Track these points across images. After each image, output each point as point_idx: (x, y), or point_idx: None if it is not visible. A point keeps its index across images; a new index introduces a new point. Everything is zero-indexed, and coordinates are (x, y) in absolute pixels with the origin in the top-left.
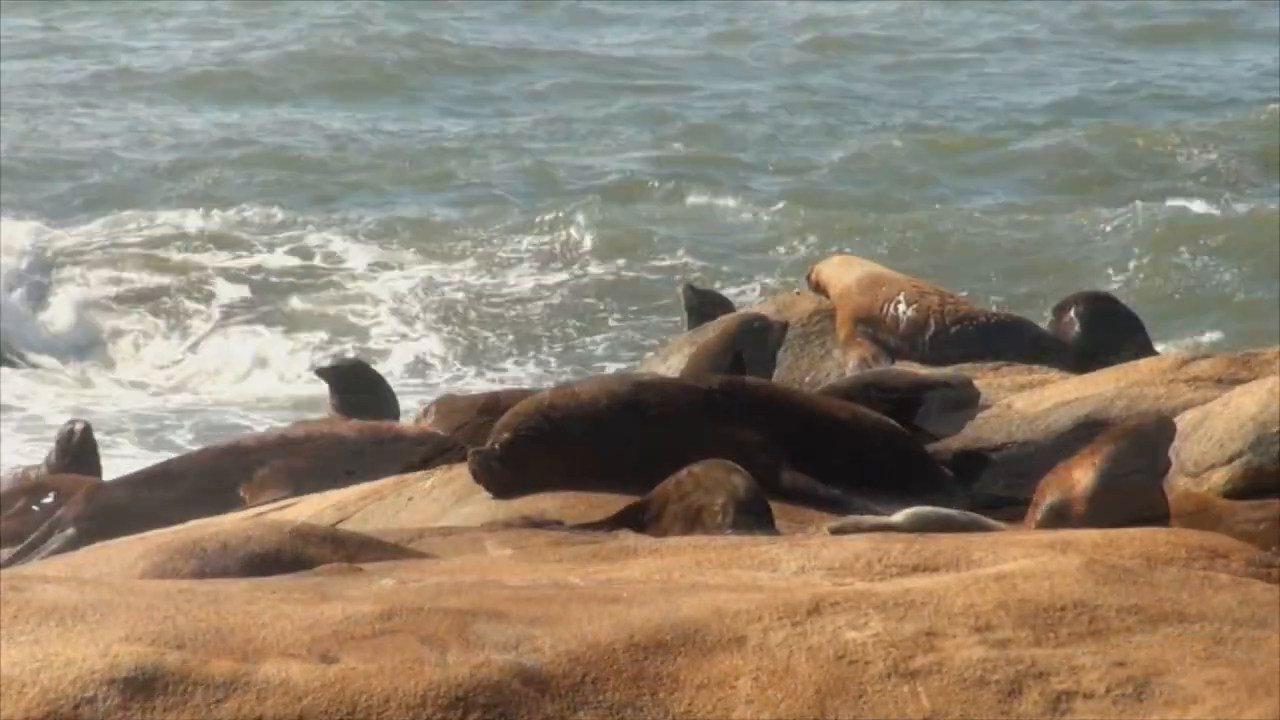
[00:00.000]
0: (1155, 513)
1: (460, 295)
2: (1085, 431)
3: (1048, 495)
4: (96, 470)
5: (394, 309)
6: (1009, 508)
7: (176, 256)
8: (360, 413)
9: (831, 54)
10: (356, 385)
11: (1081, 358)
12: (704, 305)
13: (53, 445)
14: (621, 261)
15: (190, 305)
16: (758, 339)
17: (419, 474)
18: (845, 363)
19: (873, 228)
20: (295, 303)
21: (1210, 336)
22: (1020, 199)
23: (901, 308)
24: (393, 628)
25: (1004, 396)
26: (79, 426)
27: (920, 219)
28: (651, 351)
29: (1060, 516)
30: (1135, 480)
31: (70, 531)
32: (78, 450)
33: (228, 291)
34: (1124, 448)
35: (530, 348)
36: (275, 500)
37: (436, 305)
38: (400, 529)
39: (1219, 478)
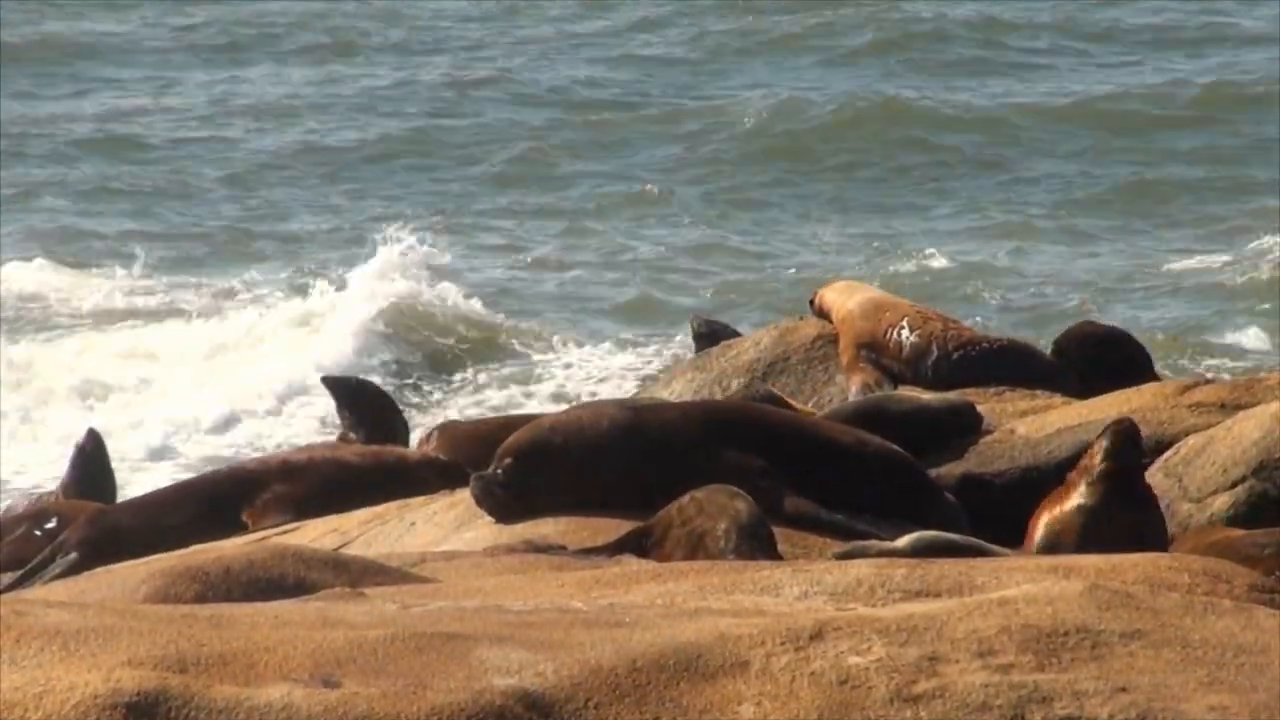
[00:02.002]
0: (1152, 535)
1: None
2: None
3: (1042, 521)
4: (109, 479)
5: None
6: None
7: None
8: (369, 429)
9: None
10: (361, 401)
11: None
12: (712, 334)
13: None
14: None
15: None
16: None
17: (422, 498)
18: (848, 388)
19: None
20: None
21: None
22: None
23: (904, 333)
24: (395, 652)
25: (1007, 422)
26: (89, 438)
27: None
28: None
29: (1055, 542)
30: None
31: (73, 556)
32: (89, 460)
33: None
34: (1108, 487)
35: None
36: (278, 525)
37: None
38: (403, 553)
39: (1222, 503)
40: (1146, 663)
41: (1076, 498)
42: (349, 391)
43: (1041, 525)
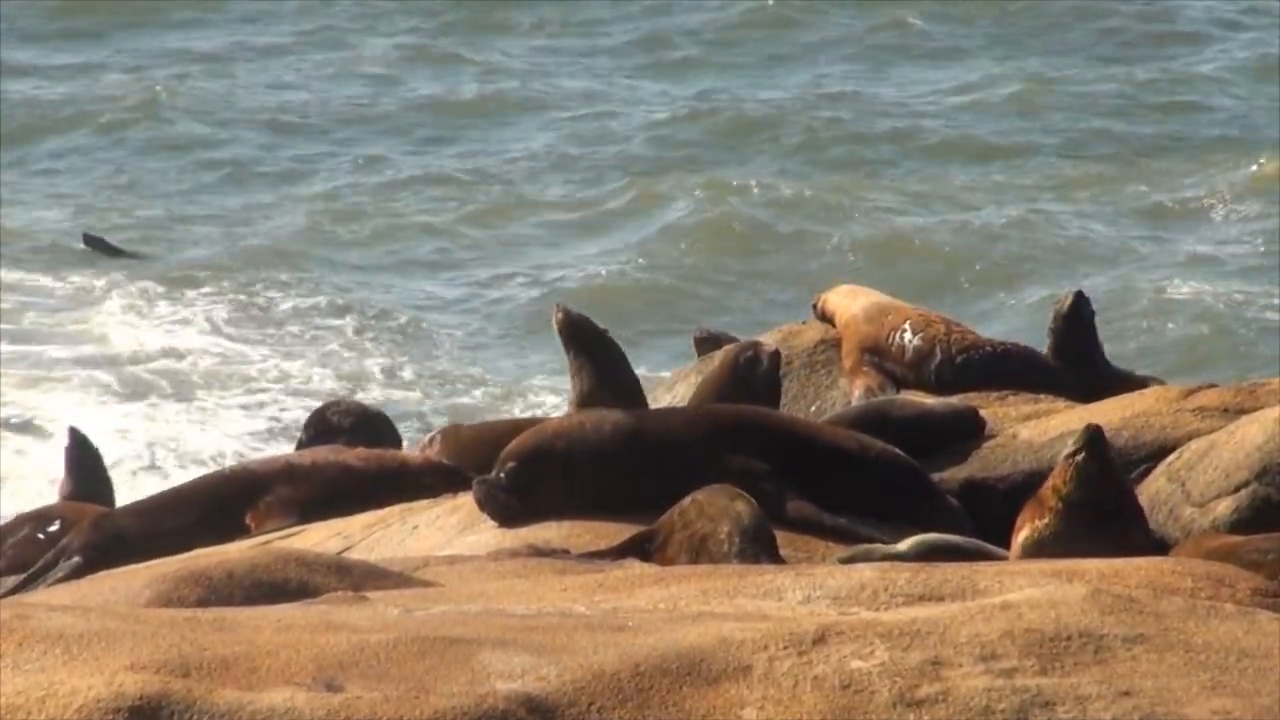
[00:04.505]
0: (1131, 536)
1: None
2: None
3: (1019, 540)
4: (104, 477)
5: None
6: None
7: None
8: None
9: None
10: (330, 430)
11: (1076, 363)
12: (715, 340)
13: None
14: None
15: None
16: (750, 367)
17: (424, 502)
18: (851, 392)
19: None
20: None
21: None
22: None
23: (907, 336)
24: (398, 656)
25: (1010, 426)
26: (70, 438)
27: None
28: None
29: (1036, 548)
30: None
31: (76, 560)
32: (75, 458)
33: None
34: (1076, 515)
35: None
36: (280, 527)
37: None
38: (405, 557)
39: (1224, 507)
40: (1150, 667)
41: (1049, 520)
42: (316, 430)
43: (1018, 545)
